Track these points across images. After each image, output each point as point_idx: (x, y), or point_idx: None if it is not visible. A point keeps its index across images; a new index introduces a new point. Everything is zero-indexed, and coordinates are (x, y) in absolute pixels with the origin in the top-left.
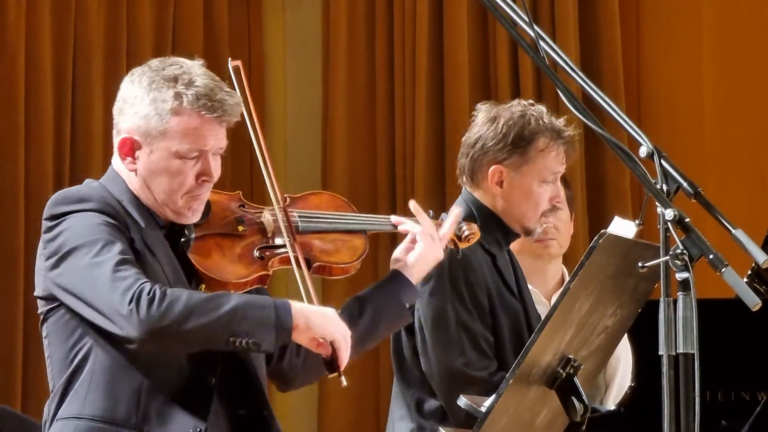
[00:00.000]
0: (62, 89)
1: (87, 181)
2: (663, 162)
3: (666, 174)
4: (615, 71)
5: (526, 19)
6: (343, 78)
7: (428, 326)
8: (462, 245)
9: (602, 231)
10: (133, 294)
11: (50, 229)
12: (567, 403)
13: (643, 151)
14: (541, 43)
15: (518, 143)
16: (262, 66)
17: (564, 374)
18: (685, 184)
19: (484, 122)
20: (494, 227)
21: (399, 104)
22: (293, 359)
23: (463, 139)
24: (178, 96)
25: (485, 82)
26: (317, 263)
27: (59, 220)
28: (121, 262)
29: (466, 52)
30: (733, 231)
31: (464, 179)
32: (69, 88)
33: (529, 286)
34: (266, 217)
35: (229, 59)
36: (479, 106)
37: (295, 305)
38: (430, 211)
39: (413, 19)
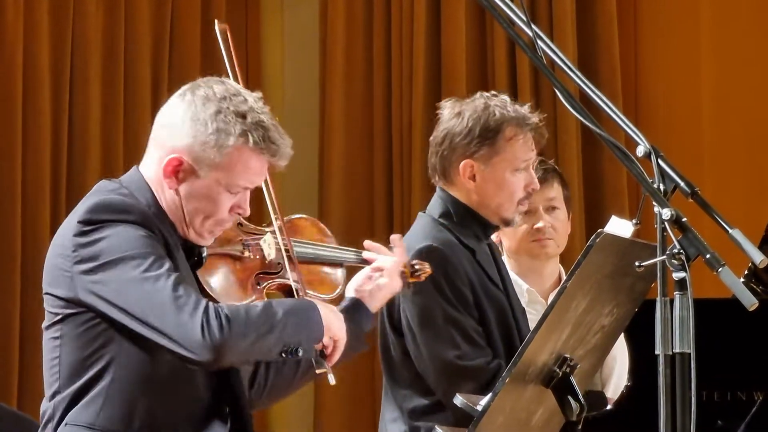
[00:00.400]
0: (60, 89)
1: (104, 182)
2: (660, 161)
3: (663, 173)
4: (613, 71)
5: (524, 19)
6: (340, 77)
7: (416, 325)
8: (411, 280)
9: (599, 230)
10: (202, 318)
11: (86, 233)
12: (563, 403)
13: (640, 151)
14: (539, 42)
15: (485, 135)
16: (260, 66)
17: (560, 373)
18: (682, 184)
19: (449, 119)
20: (471, 222)
21: (396, 103)
22: (260, 386)
23: (431, 138)
24: (244, 134)
25: (483, 81)
26: (302, 295)
27: (98, 225)
28: (178, 280)
29: (464, 51)
30: (730, 231)
31: (437, 178)
32: (66, 89)
33: (526, 286)
34: (266, 242)
35: (216, 21)
36: (442, 103)
37: (318, 305)
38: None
39: (411, 18)
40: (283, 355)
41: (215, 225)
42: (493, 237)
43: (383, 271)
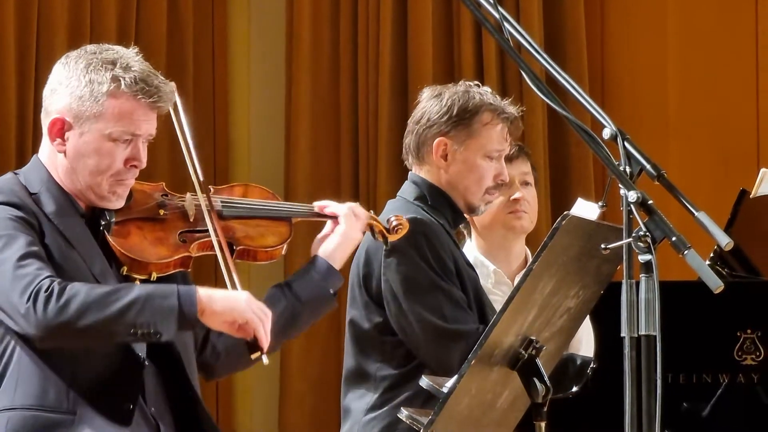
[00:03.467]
0: (25, 69)
1: (8, 174)
2: (626, 144)
3: (629, 156)
4: (579, 53)
5: (491, 1)
6: (306, 59)
7: (402, 293)
8: (391, 237)
9: (565, 212)
10: (31, 292)
11: None
12: (529, 384)
13: (606, 133)
14: (506, 24)
15: (463, 115)
16: (226, 55)
17: (526, 355)
18: (648, 167)
19: (428, 99)
20: (445, 206)
21: (362, 86)
22: (216, 348)
23: (409, 120)
24: (115, 79)
25: (449, 63)
26: (240, 247)
27: None
28: (23, 257)
29: (430, 33)
30: (696, 214)
31: (410, 159)
32: (32, 68)
33: (493, 267)
34: (188, 202)
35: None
36: (423, 90)
37: (201, 291)
38: (357, 204)
39: (377, 0)
40: (138, 336)
41: (115, 182)
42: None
43: (338, 218)
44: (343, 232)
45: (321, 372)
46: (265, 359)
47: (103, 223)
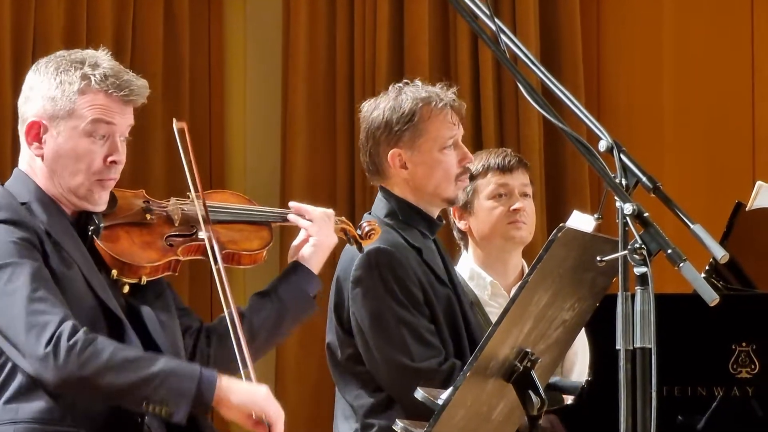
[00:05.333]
0: (21, 79)
1: None
2: (622, 156)
3: (625, 168)
4: (575, 65)
5: (487, 12)
6: (303, 68)
7: (367, 328)
8: (365, 243)
9: (561, 225)
10: (51, 337)
11: None
12: (524, 397)
13: (602, 145)
14: (502, 36)
15: (402, 121)
16: (222, 59)
17: (521, 368)
18: (644, 179)
19: (368, 115)
20: (416, 219)
21: (359, 95)
22: (204, 357)
23: (359, 141)
24: (85, 76)
25: (445, 74)
26: (225, 251)
27: None
28: (34, 290)
29: (427, 44)
30: (692, 226)
31: (374, 178)
32: None
33: (489, 278)
34: (173, 207)
35: (174, 120)
36: (362, 105)
37: (222, 380)
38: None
39: (374, 11)
40: (149, 410)
41: (96, 182)
42: (461, 225)
43: (313, 223)
44: (318, 237)
45: (318, 377)
46: None
47: (91, 228)
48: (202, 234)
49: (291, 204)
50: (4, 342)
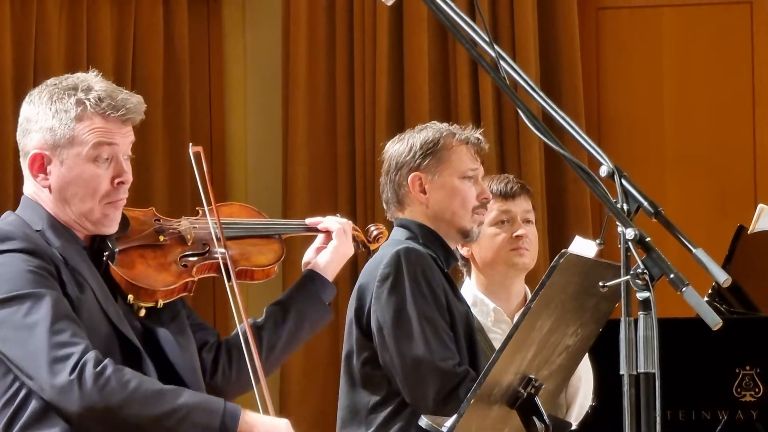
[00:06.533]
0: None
1: (6, 213)
2: (623, 181)
3: (626, 193)
4: (575, 91)
5: (487, 39)
6: (303, 98)
7: (389, 323)
8: (373, 246)
9: (563, 250)
10: (76, 364)
11: None
12: (528, 423)
13: (603, 171)
14: (502, 62)
15: (427, 147)
16: (222, 87)
17: (525, 394)
18: (645, 204)
19: (391, 147)
20: (436, 245)
21: (359, 124)
22: (225, 372)
23: (381, 177)
24: (80, 102)
25: (445, 102)
26: (238, 268)
27: None
28: (55, 321)
29: (427, 72)
30: (694, 250)
31: (391, 210)
32: None
33: (493, 305)
34: (185, 226)
35: (190, 144)
36: (386, 144)
37: (246, 414)
38: (337, 214)
39: (373, 38)
40: None
41: (108, 206)
42: (464, 252)
43: (331, 234)
44: (336, 247)
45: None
46: None
47: (106, 253)
48: (217, 253)
49: (308, 220)
50: (20, 374)
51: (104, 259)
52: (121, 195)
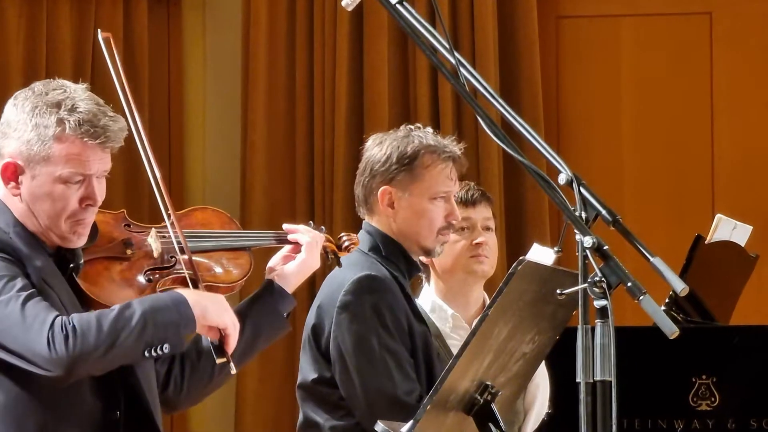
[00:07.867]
0: None
1: None
2: (582, 189)
3: (585, 201)
4: (534, 98)
5: (447, 46)
6: (263, 102)
7: (350, 353)
8: (341, 254)
9: (521, 258)
10: (48, 333)
11: None
12: (484, 430)
13: (562, 178)
14: (462, 69)
15: (402, 161)
16: (182, 89)
17: (481, 400)
18: (603, 212)
19: (371, 148)
20: (399, 257)
21: (318, 129)
22: (177, 385)
23: (357, 171)
24: (60, 122)
25: (405, 108)
26: (204, 283)
27: None
28: (27, 298)
29: (386, 78)
30: (651, 259)
31: (361, 210)
32: None
33: (451, 311)
34: (152, 237)
35: (99, 30)
36: (369, 138)
37: (188, 295)
38: (311, 222)
39: (333, 43)
40: (148, 354)
41: (74, 224)
42: (423, 258)
43: (301, 246)
44: (303, 260)
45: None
46: (233, 368)
47: (71, 265)
48: (181, 269)
49: (285, 226)
50: (6, 354)
51: (68, 271)
52: (88, 216)
